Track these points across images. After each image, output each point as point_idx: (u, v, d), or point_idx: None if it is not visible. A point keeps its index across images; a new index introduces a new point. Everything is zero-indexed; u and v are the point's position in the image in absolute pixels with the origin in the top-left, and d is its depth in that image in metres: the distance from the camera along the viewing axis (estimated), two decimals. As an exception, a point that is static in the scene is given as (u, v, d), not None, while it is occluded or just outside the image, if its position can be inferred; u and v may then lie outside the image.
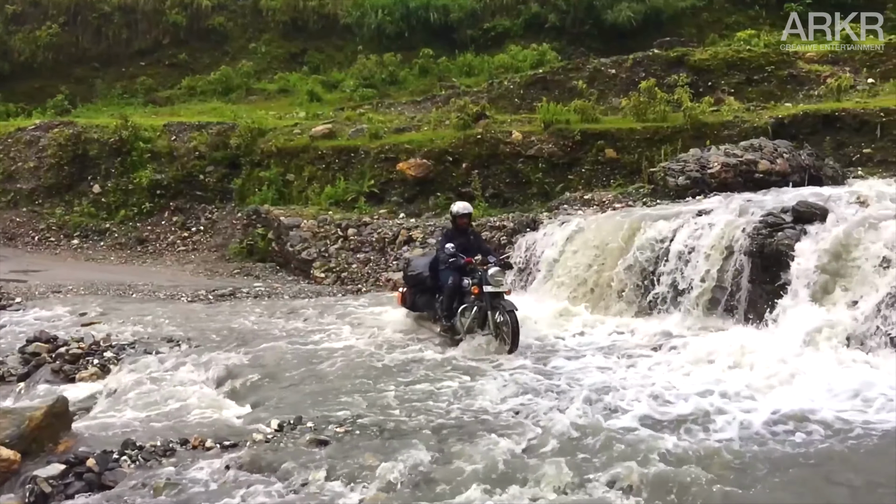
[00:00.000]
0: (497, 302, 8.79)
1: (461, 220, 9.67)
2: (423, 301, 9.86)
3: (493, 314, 8.76)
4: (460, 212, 9.70)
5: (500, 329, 8.69)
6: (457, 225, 9.73)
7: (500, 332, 8.69)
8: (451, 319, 9.11)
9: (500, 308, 8.71)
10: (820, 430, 5.78)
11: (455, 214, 9.73)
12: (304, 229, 15.26)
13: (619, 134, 15.30)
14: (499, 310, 8.71)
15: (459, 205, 9.89)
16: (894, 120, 13.60)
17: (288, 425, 6.18)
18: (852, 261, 8.24)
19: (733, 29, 23.26)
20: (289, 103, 24.17)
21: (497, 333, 8.72)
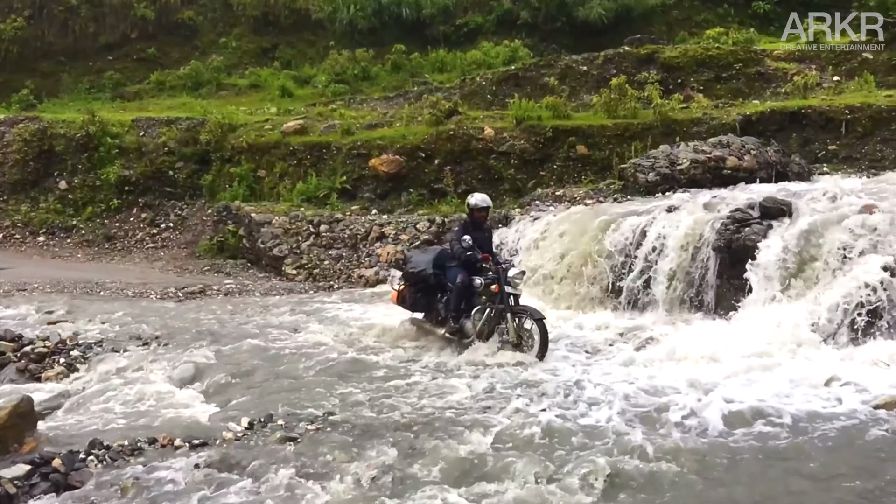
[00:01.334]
0: (520, 306, 8.33)
1: (479, 214, 8.99)
2: (425, 301, 9.09)
3: (515, 319, 8.20)
4: (479, 204, 8.97)
5: (521, 336, 8.15)
6: (474, 218, 9.01)
7: (521, 339, 8.14)
8: (458, 321, 8.48)
9: (524, 314, 8.21)
10: (785, 422, 5.88)
11: (473, 207, 8.98)
12: (275, 226, 15.15)
13: (590, 130, 15.39)
14: (523, 315, 8.21)
15: (478, 197, 9.11)
16: (859, 117, 13.85)
17: (258, 423, 6.16)
18: (817, 256, 8.40)
19: (703, 27, 23.49)
20: (260, 99, 23.94)
21: (518, 340, 8.14)
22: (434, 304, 8.97)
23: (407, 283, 9.31)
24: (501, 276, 8.28)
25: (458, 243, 8.52)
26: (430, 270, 8.92)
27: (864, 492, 4.61)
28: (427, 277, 8.95)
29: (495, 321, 8.30)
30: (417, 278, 9.08)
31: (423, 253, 9.82)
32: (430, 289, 8.98)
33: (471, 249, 8.42)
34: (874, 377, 6.76)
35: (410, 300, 9.19)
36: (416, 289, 9.12)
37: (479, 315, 8.33)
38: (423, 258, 9.30)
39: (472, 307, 8.45)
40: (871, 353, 7.31)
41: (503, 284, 8.24)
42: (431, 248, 9.97)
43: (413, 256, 9.65)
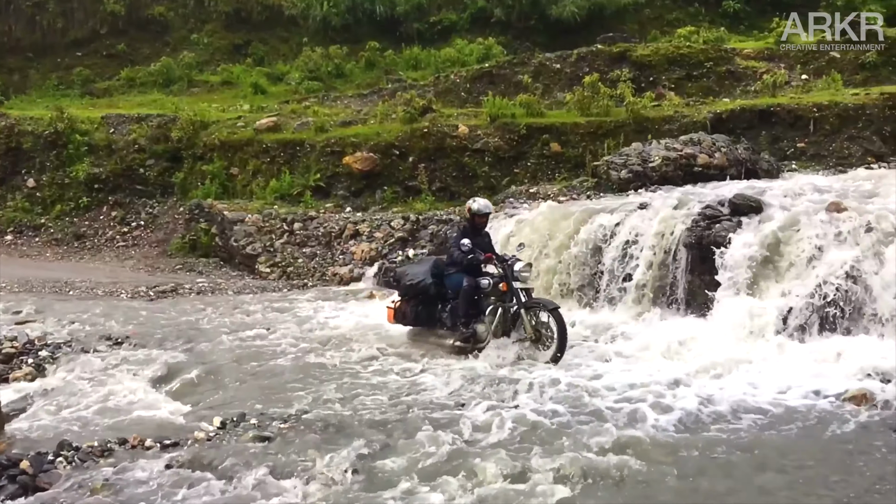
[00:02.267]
0: (532, 300, 8.05)
1: (479, 219, 8.73)
2: (427, 313, 8.69)
3: (529, 315, 7.90)
4: (481, 210, 8.70)
5: (539, 331, 7.87)
6: (474, 224, 8.72)
7: (539, 334, 7.86)
8: (469, 326, 8.16)
9: (537, 307, 7.95)
10: (754, 416, 5.97)
11: (474, 212, 8.67)
12: (248, 224, 15.06)
13: (563, 128, 15.48)
14: (536, 309, 7.93)
15: (480, 202, 8.86)
16: (826, 115, 14.10)
17: (231, 423, 6.12)
18: (786, 252, 8.52)
19: (674, 25, 23.71)
20: (232, 96, 23.75)
21: (537, 336, 7.86)
22: (437, 314, 8.63)
23: (404, 298, 8.87)
24: (508, 272, 8.01)
25: (458, 248, 8.27)
26: (430, 280, 8.59)
27: (830, 484, 4.69)
28: (428, 288, 8.60)
29: (511, 320, 8.05)
30: (417, 290, 8.68)
31: (417, 264, 9.39)
32: (431, 300, 8.65)
33: (472, 252, 8.18)
34: (843, 370, 6.88)
35: (412, 315, 8.76)
36: (416, 302, 8.73)
37: (490, 317, 8.05)
38: (420, 269, 8.95)
39: (480, 311, 8.17)
40: (837, 347, 7.43)
41: (511, 281, 7.97)
42: (425, 259, 9.57)
43: (407, 269, 9.20)
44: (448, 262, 8.56)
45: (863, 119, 13.94)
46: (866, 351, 7.22)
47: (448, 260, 8.59)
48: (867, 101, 14.16)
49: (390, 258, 13.43)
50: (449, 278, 8.47)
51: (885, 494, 4.49)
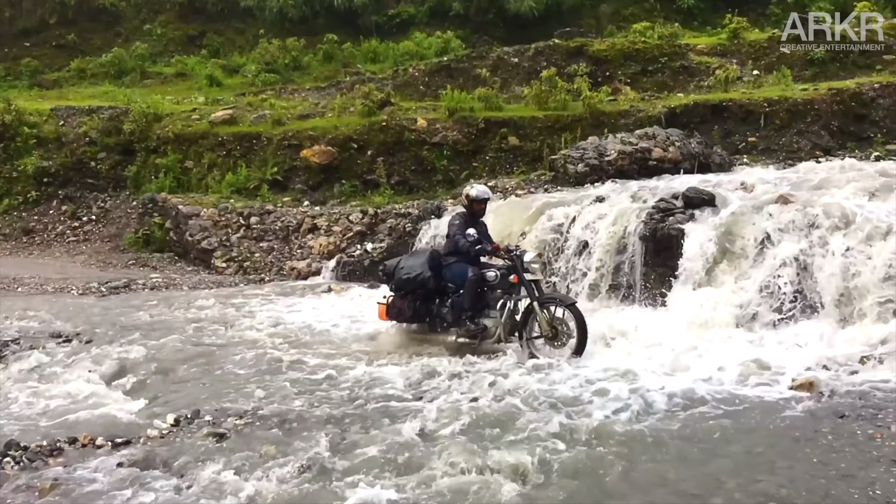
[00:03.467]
0: (546, 295, 7.68)
1: (478, 206, 8.33)
2: (425, 309, 8.21)
3: (543, 309, 7.46)
4: (479, 196, 8.32)
5: (555, 328, 7.43)
6: (472, 210, 8.34)
7: (556, 331, 7.43)
8: (475, 321, 7.79)
9: (553, 302, 7.53)
10: (707, 405, 6.05)
11: (473, 198, 8.29)
12: (204, 218, 14.84)
13: (521, 122, 15.57)
14: (551, 303, 7.51)
15: (478, 188, 8.50)
16: (776, 110, 14.43)
17: (185, 420, 6.03)
18: (737, 244, 8.71)
19: (630, 21, 24.00)
20: (187, 88, 23.38)
21: (553, 333, 7.43)
22: (435, 310, 8.18)
23: (399, 293, 8.31)
24: (518, 263, 7.57)
25: (463, 237, 7.84)
26: (429, 273, 8.05)
27: (776, 470, 4.80)
28: (426, 281, 8.04)
29: (523, 316, 7.65)
30: (415, 284, 8.10)
31: (411, 257, 8.72)
32: (429, 294, 8.16)
33: (479, 242, 7.84)
34: (791, 359, 7.04)
35: (409, 311, 8.21)
36: (413, 297, 8.18)
37: (500, 311, 7.68)
38: (416, 262, 8.31)
39: (484, 304, 7.83)
40: (788, 335, 7.64)
41: (522, 272, 7.54)
42: (420, 251, 9.01)
43: (401, 262, 8.49)
44: (447, 252, 8.14)
45: (811, 114, 14.31)
46: (814, 340, 7.44)
47: (447, 249, 8.18)
48: (815, 97, 14.52)
49: (349, 252, 13.37)
50: (449, 270, 8.04)
51: (829, 479, 4.61)
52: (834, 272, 7.87)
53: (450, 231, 8.21)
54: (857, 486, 4.48)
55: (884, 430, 5.36)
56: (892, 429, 5.36)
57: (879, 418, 5.58)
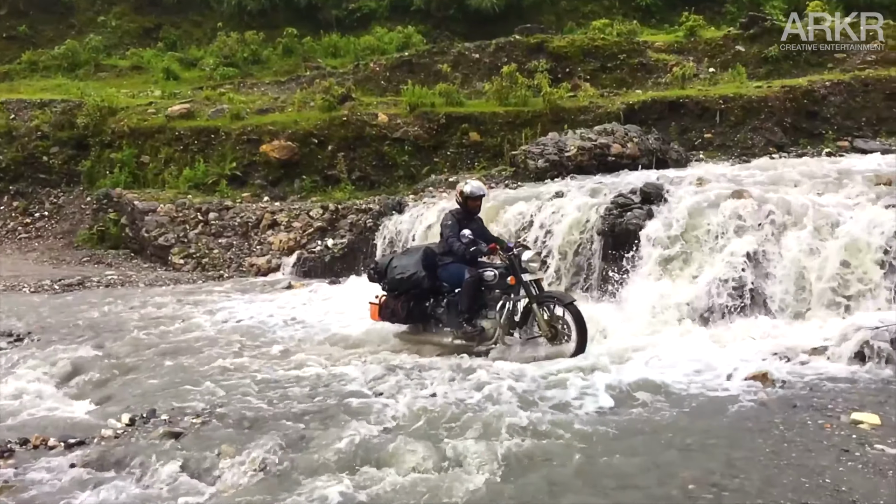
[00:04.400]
0: (545, 294, 7.51)
1: (473, 203, 8.01)
2: (420, 309, 7.97)
3: (542, 308, 7.32)
4: (474, 193, 7.97)
5: (554, 327, 7.31)
6: (467, 208, 8.02)
7: (555, 330, 7.30)
8: (472, 322, 7.56)
9: (551, 301, 7.38)
10: (661, 398, 6.14)
11: (467, 195, 7.96)
12: (160, 214, 14.60)
13: (482, 117, 15.62)
14: (549, 303, 7.36)
15: (473, 184, 8.14)
16: (732, 107, 14.69)
17: (140, 419, 5.94)
18: (692, 238, 8.85)
19: (589, 18, 24.17)
20: (143, 81, 22.93)
21: (552, 333, 7.30)
22: (430, 310, 7.96)
23: (392, 293, 8.04)
24: (516, 263, 7.36)
25: (457, 239, 7.58)
26: (423, 273, 7.80)
27: (731, 460, 4.89)
28: (421, 281, 7.80)
29: (522, 316, 7.48)
30: (410, 284, 7.84)
31: (405, 255, 8.35)
32: (423, 294, 7.94)
33: (474, 243, 7.57)
34: (745, 351, 7.17)
35: (403, 311, 7.91)
36: (407, 297, 7.91)
37: (499, 312, 7.44)
38: (409, 260, 8.02)
39: (481, 305, 7.60)
40: (742, 328, 7.78)
41: (519, 273, 7.32)
42: (413, 248, 8.60)
43: (394, 261, 8.17)
44: (443, 252, 7.87)
45: (765, 111, 14.60)
46: (768, 332, 7.59)
47: (442, 249, 7.90)
48: (769, 94, 14.81)
49: (309, 248, 13.28)
50: (445, 269, 7.80)
51: (781, 469, 4.72)
52: (786, 266, 8.05)
53: (443, 232, 7.91)
54: (808, 475, 4.58)
55: (833, 419, 5.49)
56: (842, 419, 5.50)
57: (829, 408, 5.72)
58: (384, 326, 8.69)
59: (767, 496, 4.35)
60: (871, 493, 4.32)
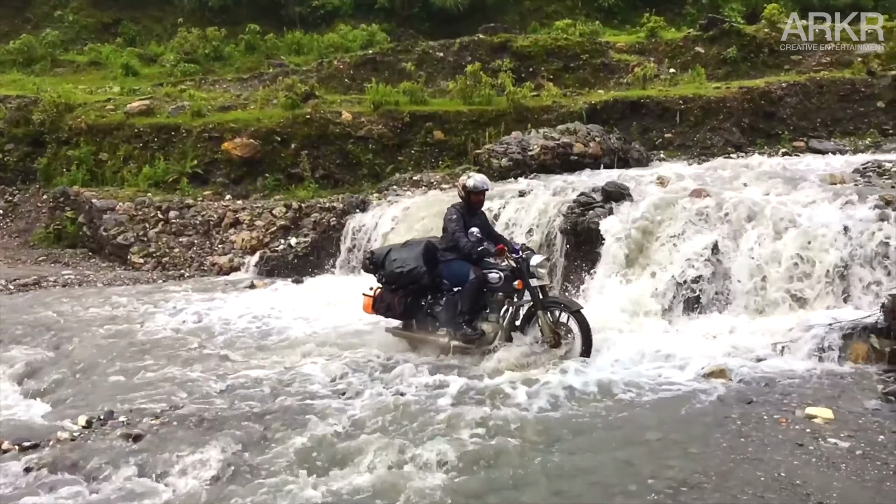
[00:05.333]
0: (550, 299, 7.24)
1: (476, 197, 7.68)
2: (416, 305, 7.68)
3: (546, 314, 7.08)
4: (478, 187, 7.62)
5: (556, 334, 7.07)
6: (470, 202, 7.68)
7: (559, 337, 7.07)
8: (472, 325, 7.26)
9: (557, 307, 7.15)
10: (625, 394, 6.23)
11: (470, 190, 7.61)
12: (119, 212, 14.33)
13: (446, 116, 15.64)
14: (555, 309, 7.14)
15: (477, 178, 7.75)
16: (691, 107, 14.94)
17: (97, 421, 5.83)
18: (653, 236, 8.98)
19: (553, 18, 24.38)
20: (101, 77, 22.47)
21: (556, 340, 7.05)
22: (427, 307, 7.67)
23: (388, 287, 7.72)
24: (524, 267, 7.09)
25: (465, 236, 7.28)
26: (424, 268, 7.47)
27: (689, 455, 4.98)
28: (421, 276, 7.47)
29: (524, 321, 7.24)
30: (409, 279, 7.51)
31: (404, 248, 7.89)
32: (421, 290, 7.64)
33: (481, 243, 7.27)
34: (704, 348, 7.29)
35: (400, 307, 7.64)
36: (405, 292, 7.61)
37: (497, 315, 7.23)
38: (409, 254, 7.64)
39: (482, 306, 7.32)
40: (701, 325, 7.91)
41: (527, 278, 7.05)
42: (414, 241, 8.12)
43: (393, 253, 7.79)
44: (446, 247, 7.55)
45: (724, 111, 14.87)
46: (725, 329, 7.73)
47: (445, 244, 7.57)
48: (727, 95, 15.10)
49: (272, 247, 13.16)
50: (447, 267, 7.48)
51: (737, 463, 4.81)
52: (744, 264, 8.21)
53: (448, 227, 7.55)
54: (764, 469, 4.69)
55: (789, 414, 5.63)
56: (797, 413, 5.63)
57: (785, 403, 5.86)
58: (349, 324, 8.71)
59: (724, 490, 4.44)
60: (825, 486, 4.44)
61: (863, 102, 15.34)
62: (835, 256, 7.84)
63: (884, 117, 15.20)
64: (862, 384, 6.22)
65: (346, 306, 9.82)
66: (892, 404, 5.74)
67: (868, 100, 15.36)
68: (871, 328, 6.81)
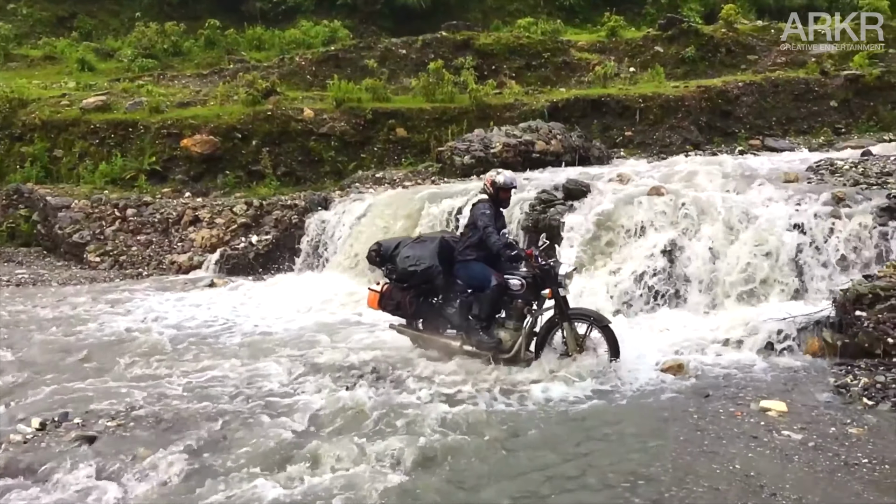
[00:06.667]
0: (575, 310, 6.82)
1: (504, 194, 7.19)
2: (427, 305, 7.26)
3: (572, 326, 6.72)
4: (507, 183, 7.12)
5: (582, 347, 6.73)
6: (499, 200, 7.17)
7: (581, 350, 6.71)
8: (489, 332, 6.86)
9: (584, 319, 6.75)
10: (580, 389, 6.26)
11: (500, 186, 7.10)
12: (75, 210, 14.04)
13: (409, 113, 15.62)
14: (581, 321, 6.75)
15: (507, 174, 7.22)
16: (651, 106, 15.15)
17: (52, 423, 5.72)
18: (613, 233, 9.09)
19: (515, 16, 24.53)
20: (56, 72, 21.94)
21: (579, 352, 6.69)
22: (438, 308, 7.25)
23: (398, 285, 7.25)
24: (552, 276, 6.67)
25: (495, 232, 6.83)
26: (440, 267, 7.04)
27: (647, 449, 5.06)
28: (437, 276, 7.05)
29: (544, 330, 6.82)
30: (423, 278, 7.07)
31: (417, 244, 7.37)
32: (432, 289, 7.21)
33: (513, 246, 6.86)
34: (662, 342, 7.40)
35: (412, 307, 7.22)
36: (417, 291, 7.18)
37: (516, 323, 6.83)
38: (423, 251, 7.17)
39: (497, 312, 6.94)
40: (659, 320, 8.04)
41: (556, 288, 6.66)
42: (427, 238, 7.61)
43: (405, 249, 7.28)
44: (466, 245, 7.04)
45: (682, 110, 15.12)
46: (682, 324, 7.87)
47: (468, 242, 7.04)
48: (686, 94, 15.35)
49: (233, 245, 13.00)
50: (466, 268, 7.01)
51: (694, 456, 4.90)
52: (701, 260, 8.35)
53: (479, 221, 6.95)
54: (719, 462, 4.79)
55: (744, 407, 5.75)
56: (752, 406, 5.76)
57: (740, 397, 5.99)
58: (310, 323, 8.65)
59: (681, 483, 4.52)
60: (778, 478, 4.54)
61: (816, 102, 15.73)
62: (789, 253, 8.02)
63: (836, 116, 15.60)
64: (814, 377, 6.38)
65: (307, 304, 9.78)
66: (843, 397, 5.89)
67: (821, 99, 15.75)
68: (824, 322, 7.01)
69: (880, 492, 4.36)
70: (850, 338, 6.70)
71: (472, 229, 7.07)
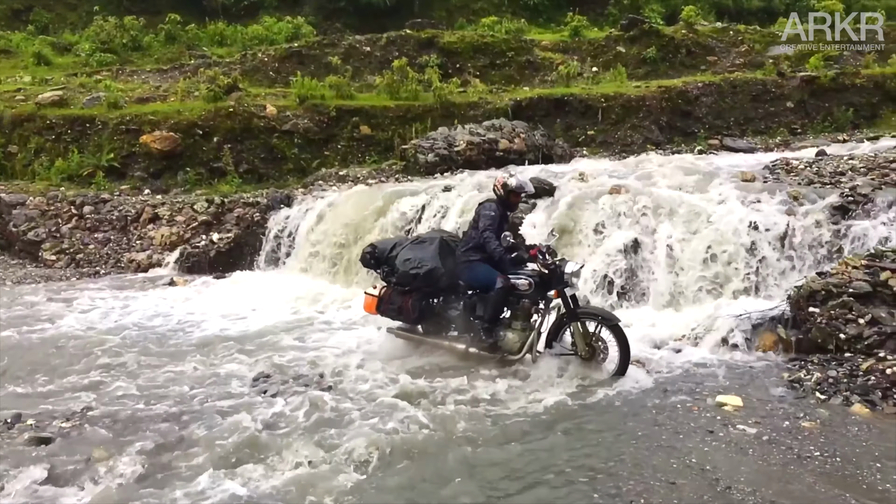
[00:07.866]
0: (583, 309, 6.66)
1: (515, 198, 7.04)
2: (429, 308, 7.08)
3: (580, 325, 6.55)
4: (519, 188, 6.96)
5: (591, 347, 6.54)
6: (509, 203, 7.04)
7: (592, 350, 6.54)
8: (494, 333, 6.69)
9: (594, 318, 6.56)
10: (540, 388, 6.29)
11: (512, 189, 6.93)
12: (30, 207, 13.71)
13: (373, 111, 15.57)
14: (590, 320, 6.55)
15: (520, 178, 7.09)
16: (612, 105, 15.31)
17: (4, 424, 5.59)
18: (574, 231, 9.16)
19: (479, 15, 24.61)
20: (11, 66, 21.44)
21: (590, 352, 6.53)
22: (440, 310, 7.09)
23: (398, 288, 7.05)
24: (558, 275, 6.53)
25: (494, 237, 6.68)
26: (443, 269, 6.88)
27: (605, 443, 5.12)
28: (440, 279, 6.87)
29: (552, 330, 6.68)
30: (425, 281, 6.89)
31: (417, 246, 7.19)
32: (434, 292, 7.05)
33: (514, 249, 6.73)
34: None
35: (415, 312, 6.99)
36: (419, 295, 6.98)
37: (523, 323, 6.65)
38: (424, 253, 7.01)
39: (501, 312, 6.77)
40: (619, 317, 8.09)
41: (563, 287, 6.51)
42: (426, 238, 7.38)
43: (404, 251, 7.11)
44: (469, 247, 6.91)
45: (643, 110, 15.30)
46: (641, 320, 7.96)
47: (470, 243, 6.90)
48: (647, 94, 15.54)
49: (193, 243, 12.83)
50: (469, 269, 6.84)
51: (652, 451, 4.97)
52: (660, 258, 8.47)
53: (481, 223, 6.83)
54: (677, 456, 4.86)
55: (701, 402, 5.85)
56: (708, 401, 5.86)
57: (697, 392, 6.09)
58: (272, 322, 8.57)
59: (638, 477, 4.58)
60: (733, 471, 4.62)
61: (773, 102, 16.04)
62: (745, 250, 8.17)
63: (793, 117, 15.94)
64: (769, 372, 6.51)
65: (268, 303, 9.69)
66: (796, 391, 6.02)
67: (778, 100, 16.08)
68: (779, 319, 7.15)
69: (832, 484, 4.47)
70: (803, 334, 6.84)
71: (475, 230, 6.94)
